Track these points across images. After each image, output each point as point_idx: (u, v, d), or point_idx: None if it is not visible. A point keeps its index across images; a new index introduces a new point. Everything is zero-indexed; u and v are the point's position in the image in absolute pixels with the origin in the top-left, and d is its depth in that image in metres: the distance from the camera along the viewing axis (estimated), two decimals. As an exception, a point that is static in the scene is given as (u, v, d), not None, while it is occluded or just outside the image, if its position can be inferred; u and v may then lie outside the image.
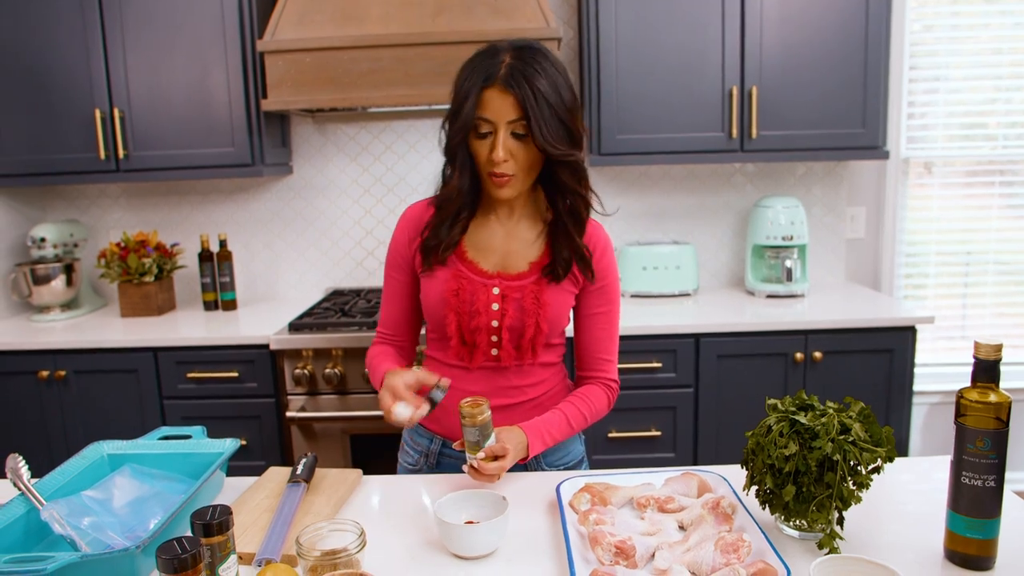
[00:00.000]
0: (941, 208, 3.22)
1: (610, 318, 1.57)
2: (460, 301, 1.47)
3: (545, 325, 1.48)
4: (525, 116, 1.34)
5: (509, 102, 1.34)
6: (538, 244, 1.51)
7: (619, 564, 1.08)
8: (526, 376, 1.54)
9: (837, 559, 0.99)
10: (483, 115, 1.36)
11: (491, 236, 1.51)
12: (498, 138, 1.36)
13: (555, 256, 1.48)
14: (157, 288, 2.95)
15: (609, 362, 1.59)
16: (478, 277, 1.48)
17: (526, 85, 1.33)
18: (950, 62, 3.10)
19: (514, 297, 1.47)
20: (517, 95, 1.34)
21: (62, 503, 1.19)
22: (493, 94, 1.35)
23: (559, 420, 1.48)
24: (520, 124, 1.36)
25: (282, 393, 2.60)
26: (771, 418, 1.17)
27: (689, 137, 2.76)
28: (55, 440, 2.68)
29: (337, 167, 3.17)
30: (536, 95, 1.34)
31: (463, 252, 1.50)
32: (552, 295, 1.48)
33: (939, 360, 3.28)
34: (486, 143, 1.38)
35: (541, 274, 1.49)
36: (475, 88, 1.36)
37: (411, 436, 1.64)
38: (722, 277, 3.24)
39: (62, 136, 2.79)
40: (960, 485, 1.07)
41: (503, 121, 1.36)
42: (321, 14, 2.59)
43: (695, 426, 2.64)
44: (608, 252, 1.55)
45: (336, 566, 1.04)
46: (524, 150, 1.39)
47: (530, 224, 1.52)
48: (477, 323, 1.47)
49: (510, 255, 1.51)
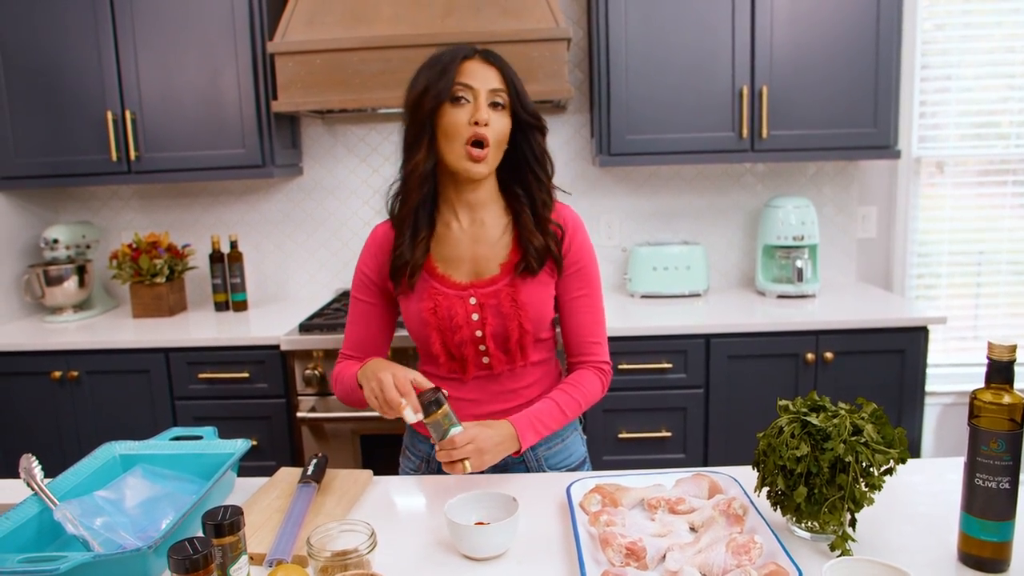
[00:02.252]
0: (953, 207, 3.19)
1: (592, 300, 1.54)
2: (439, 318, 1.45)
3: (528, 324, 1.46)
4: (507, 84, 1.40)
5: (492, 73, 1.40)
6: (504, 242, 1.49)
7: (630, 565, 1.08)
8: (520, 379, 1.53)
9: (849, 561, 0.98)
10: (463, 81, 1.38)
11: (457, 245, 1.49)
12: (480, 101, 1.38)
13: (525, 249, 1.46)
14: (168, 289, 2.97)
15: (598, 344, 1.56)
16: (452, 290, 1.47)
17: (504, 63, 1.42)
18: (962, 60, 3.08)
19: (491, 304, 1.46)
20: (499, 67, 1.41)
21: (75, 503, 1.20)
22: (474, 64, 1.40)
23: (550, 408, 1.45)
24: (499, 94, 1.40)
25: (292, 394, 2.61)
26: (783, 419, 1.17)
27: (699, 137, 2.75)
28: (68, 440, 2.69)
29: (347, 168, 3.18)
30: (513, 75, 1.42)
31: (433, 268, 1.49)
32: (529, 292, 1.46)
33: (951, 361, 3.26)
34: (463, 111, 1.38)
35: (514, 273, 1.46)
36: (453, 62, 1.39)
37: (412, 442, 1.63)
38: (732, 277, 3.23)
39: (74, 138, 2.80)
40: (974, 487, 1.06)
41: (485, 88, 1.39)
42: (331, 15, 2.60)
43: (705, 427, 2.63)
44: (579, 231, 1.52)
45: (347, 567, 1.04)
46: (500, 120, 1.41)
47: (494, 223, 1.50)
48: (460, 337, 1.46)
49: (479, 261, 1.48)
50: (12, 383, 2.68)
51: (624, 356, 2.56)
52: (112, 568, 1.03)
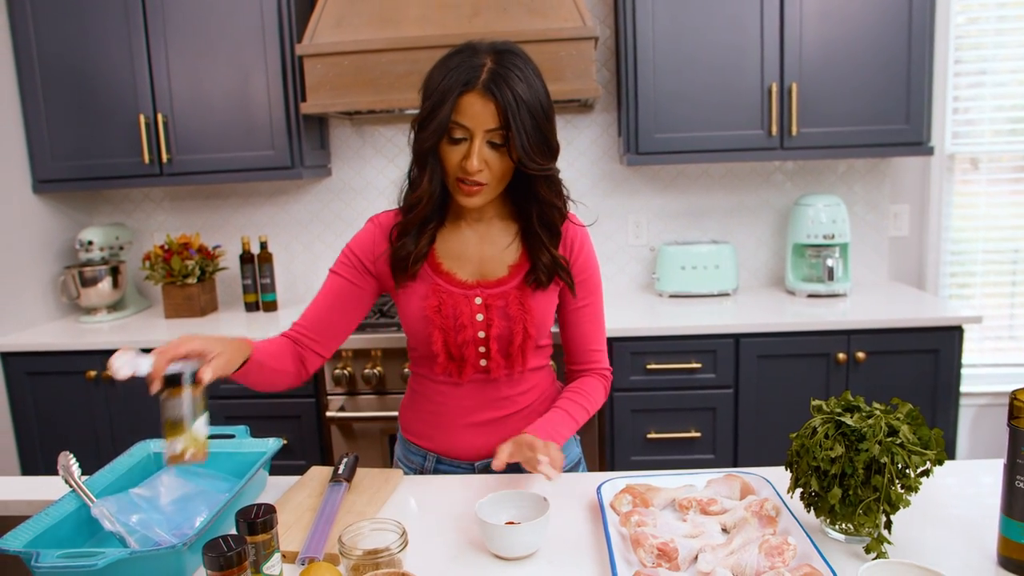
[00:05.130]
0: (988, 205, 3.14)
1: (595, 309, 1.53)
2: (443, 317, 1.42)
3: (533, 330, 1.43)
4: (505, 126, 1.28)
5: (490, 109, 1.27)
6: (514, 247, 1.46)
7: (661, 566, 1.07)
8: (516, 385, 1.50)
9: (885, 564, 0.97)
10: (459, 120, 1.29)
11: (464, 243, 1.46)
12: (473, 146, 1.29)
13: (535, 262, 1.43)
14: (200, 290, 3.01)
15: (599, 352, 1.55)
16: (458, 289, 1.43)
17: (508, 93, 1.26)
18: (996, 55, 3.03)
19: (498, 305, 1.43)
20: (499, 103, 1.26)
21: (111, 500, 1.22)
22: (473, 99, 1.27)
23: (562, 418, 1.44)
24: (498, 133, 1.29)
25: (322, 393, 2.63)
26: (816, 419, 1.16)
27: (728, 135, 2.73)
28: (102, 439, 2.74)
29: (375, 169, 3.20)
30: (519, 104, 1.27)
31: (437, 264, 1.45)
32: (537, 299, 1.44)
33: (986, 361, 3.20)
34: (459, 149, 1.31)
35: (524, 280, 1.44)
36: (454, 91, 1.27)
37: (404, 454, 1.61)
38: (762, 276, 3.20)
39: (108, 141, 2.85)
40: (1014, 490, 1.04)
41: (481, 129, 1.29)
42: (359, 17, 2.61)
43: (735, 427, 2.61)
44: (585, 247, 1.49)
45: (378, 565, 1.05)
46: (499, 160, 1.32)
47: (503, 227, 1.47)
48: (463, 337, 1.42)
49: (486, 261, 1.45)
50: (49, 382, 2.73)
51: (652, 356, 2.55)
52: (148, 564, 1.05)
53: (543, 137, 1.32)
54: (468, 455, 1.53)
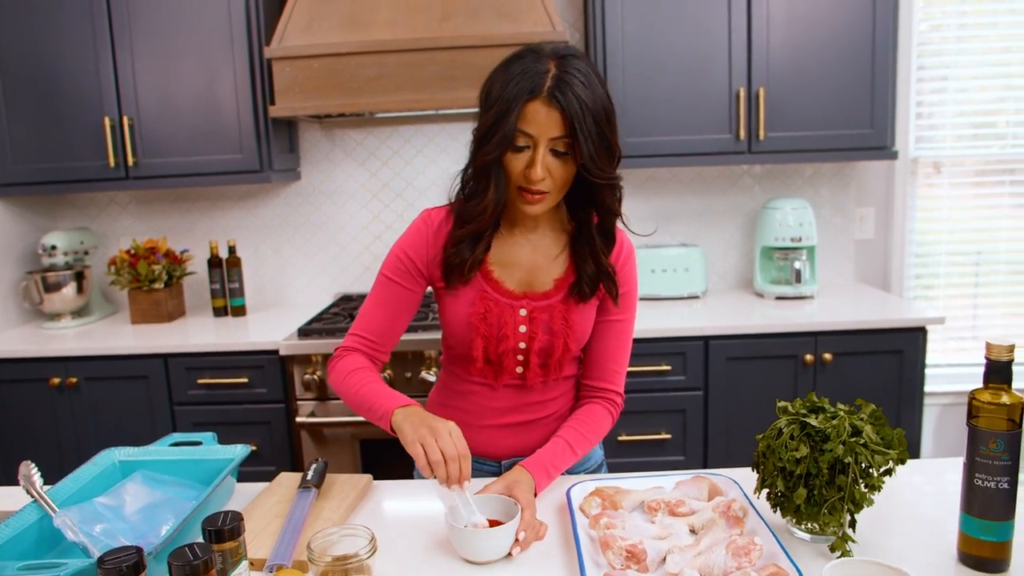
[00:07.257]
0: (951, 208, 3.20)
1: (625, 327, 1.51)
2: (488, 325, 1.41)
3: (573, 344, 1.44)
4: (571, 134, 1.25)
5: (555, 118, 1.25)
6: (562, 259, 1.45)
7: (630, 568, 1.08)
8: (550, 391, 1.50)
9: (850, 562, 0.98)
10: (524, 129, 1.26)
11: (516, 251, 1.44)
12: (537, 154, 1.27)
13: (580, 273, 1.42)
14: (167, 295, 2.97)
15: (618, 373, 1.53)
16: (504, 298, 1.42)
17: (574, 100, 1.24)
18: (958, 61, 3.09)
19: (542, 319, 1.42)
20: (564, 111, 1.24)
21: (74, 510, 1.20)
22: (537, 107, 1.25)
23: (562, 450, 1.41)
24: (561, 141, 1.27)
25: (292, 399, 2.61)
26: (782, 420, 1.17)
27: (697, 139, 2.76)
28: (67, 447, 2.69)
29: (345, 172, 3.18)
30: (584, 111, 1.24)
31: (488, 270, 1.43)
32: (579, 313, 1.44)
33: (950, 361, 3.26)
34: (521, 157, 1.29)
35: (568, 293, 1.43)
36: (519, 100, 1.25)
37: None
38: (731, 279, 3.23)
39: (72, 144, 2.80)
40: (973, 487, 1.06)
41: (545, 137, 1.27)
42: (328, 20, 2.60)
43: (705, 429, 2.63)
44: (631, 259, 1.49)
45: (347, 571, 1.04)
46: (561, 167, 1.30)
47: (554, 237, 1.46)
48: (505, 347, 1.41)
49: (535, 271, 1.44)
50: (11, 390, 2.67)
51: (623, 358, 2.56)
52: (112, 575, 1.03)
53: (607, 144, 1.30)
54: (497, 453, 1.53)
